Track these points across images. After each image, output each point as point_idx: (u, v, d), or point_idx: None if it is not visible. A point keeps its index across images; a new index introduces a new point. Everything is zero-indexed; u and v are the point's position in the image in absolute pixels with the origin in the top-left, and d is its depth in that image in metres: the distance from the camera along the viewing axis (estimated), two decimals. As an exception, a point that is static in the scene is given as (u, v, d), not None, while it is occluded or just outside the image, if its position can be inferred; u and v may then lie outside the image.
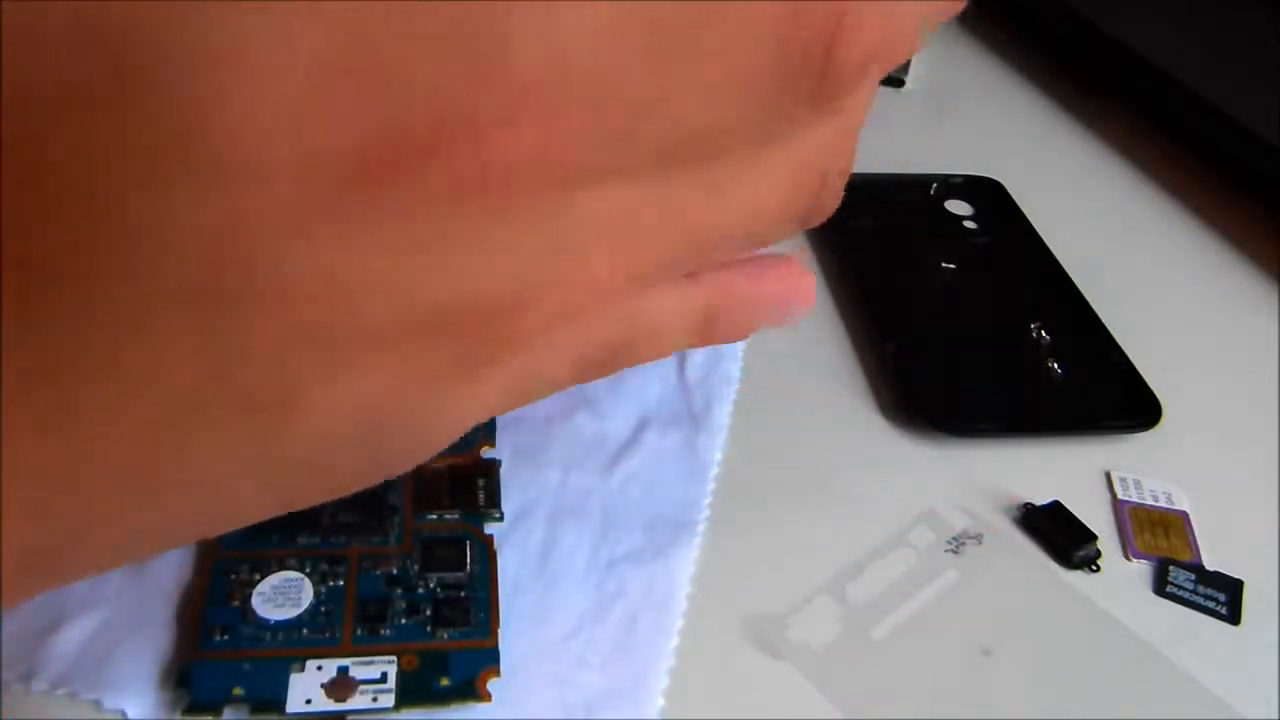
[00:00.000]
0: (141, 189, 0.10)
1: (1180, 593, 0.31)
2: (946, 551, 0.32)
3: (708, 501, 0.32)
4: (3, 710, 0.25)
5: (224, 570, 0.28)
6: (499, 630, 0.27)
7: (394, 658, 0.26)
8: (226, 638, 0.26)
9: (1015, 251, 0.44)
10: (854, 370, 0.38)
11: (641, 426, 0.34)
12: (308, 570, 0.28)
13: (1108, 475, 0.35)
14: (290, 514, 0.30)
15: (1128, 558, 0.32)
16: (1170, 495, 0.34)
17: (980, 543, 0.32)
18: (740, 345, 0.38)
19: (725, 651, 0.28)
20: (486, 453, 0.32)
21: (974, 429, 0.35)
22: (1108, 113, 0.54)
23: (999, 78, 0.58)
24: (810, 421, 0.36)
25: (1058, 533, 0.32)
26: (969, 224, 0.45)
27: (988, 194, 0.47)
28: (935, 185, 0.47)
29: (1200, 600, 0.31)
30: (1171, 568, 0.32)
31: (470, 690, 0.26)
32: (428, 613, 0.27)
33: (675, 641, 0.28)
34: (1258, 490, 0.35)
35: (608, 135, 0.13)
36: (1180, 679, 0.29)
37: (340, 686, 0.25)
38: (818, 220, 0.20)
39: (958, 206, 0.46)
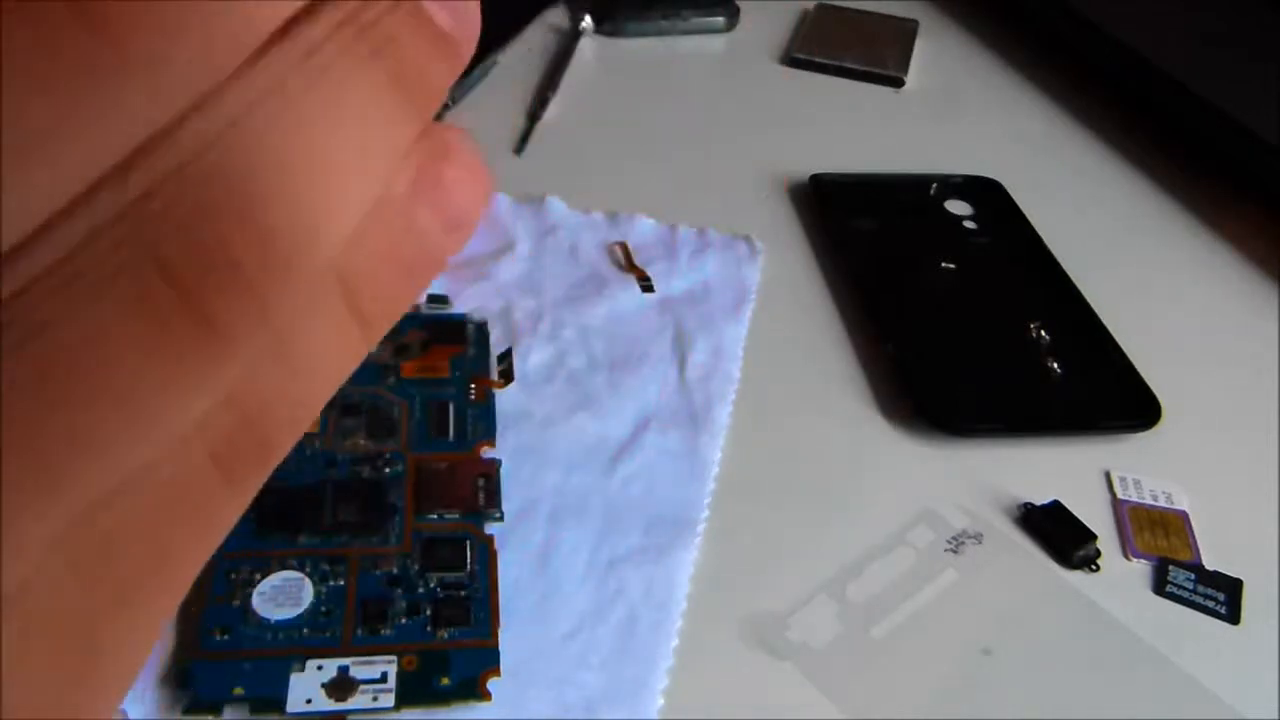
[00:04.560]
0: None
1: (1180, 592, 0.31)
2: (946, 551, 0.32)
3: (708, 501, 0.32)
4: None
5: (224, 570, 0.28)
6: (499, 630, 0.27)
7: (394, 657, 0.26)
8: (227, 637, 0.26)
9: (1015, 251, 0.44)
10: (854, 370, 0.38)
11: (642, 426, 0.34)
12: (308, 570, 0.28)
13: (1108, 475, 0.35)
14: (291, 514, 0.30)
15: (1128, 557, 0.32)
16: (1170, 495, 0.34)
17: (980, 542, 0.32)
18: (740, 346, 0.38)
19: (725, 651, 0.28)
20: (486, 453, 0.32)
21: (974, 429, 0.35)
22: (1108, 113, 0.54)
23: (999, 78, 0.58)
24: (810, 421, 0.36)
25: (1058, 532, 0.32)
26: (969, 224, 0.45)
27: (988, 194, 0.47)
28: (935, 185, 0.47)
29: (1200, 600, 0.31)
30: (1171, 567, 0.32)
31: (471, 690, 0.26)
32: (428, 613, 0.27)
33: (675, 641, 0.28)
34: (1258, 490, 0.35)
35: None
36: (1180, 679, 0.29)
37: (340, 686, 0.25)
38: None
39: (958, 206, 0.46)
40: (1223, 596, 0.31)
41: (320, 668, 0.26)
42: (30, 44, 0.08)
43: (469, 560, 0.29)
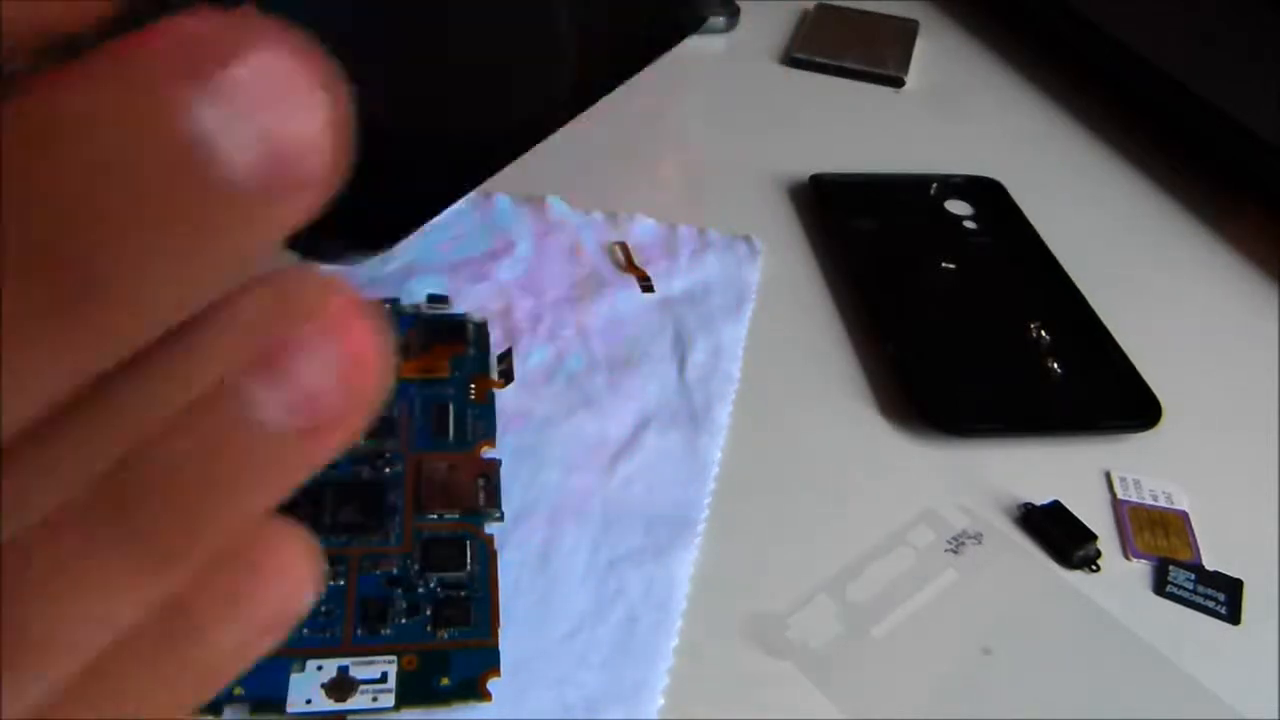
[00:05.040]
0: None
1: (1180, 592, 0.31)
2: (946, 551, 0.32)
3: (708, 501, 0.32)
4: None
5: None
6: (499, 630, 0.27)
7: (394, 657, 0.26)
8: (227, 638, 0.26)
9: (1015, 251, 0.44)
10: (854, 370, 0.38)
11: (642, 426, 0.34)
12: (308, 570, 0.28)
13: (1108, 475, 0.35)
14: (290, 514, 0.30)
15: (1128, 557, 0.32)
16: (1170, 495, 0.34)
17: (980, 542, 0.32)
18: (741, 345, 0.38)
19: (725, 651, 0.28)
20: (486, 452, 0.32)
21: (974, 429, 0.35)
22: (1108, 113, 0.54)
23: (999, 78, 0.58)
24: (810, 421, 0.36)
25: (1058, 532, 0.32)
26: (969, 224, 0.45)
27: (988, 194, 0.47)
28: (935, 185, 0.47)
29: (1200, 600, 0.31)
30: (1171, 567, 0.32)
31: (471, 690, 0.26)
32: (428, 613, 0.27)
33: (675, 641, 0.28)
34: (1258, 490, 0.35)
35: None
36: (1180, 679, 0.29)
37: (340, 686, 0.25)
38: None
39: (958, 206, 0.46)
40: (1223, 596, 0.31)
41: (320, 668, 0.26)
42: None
43: (469, 560, 0.29)
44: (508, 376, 0.35)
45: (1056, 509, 0.33)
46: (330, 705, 0.25)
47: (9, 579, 0.08)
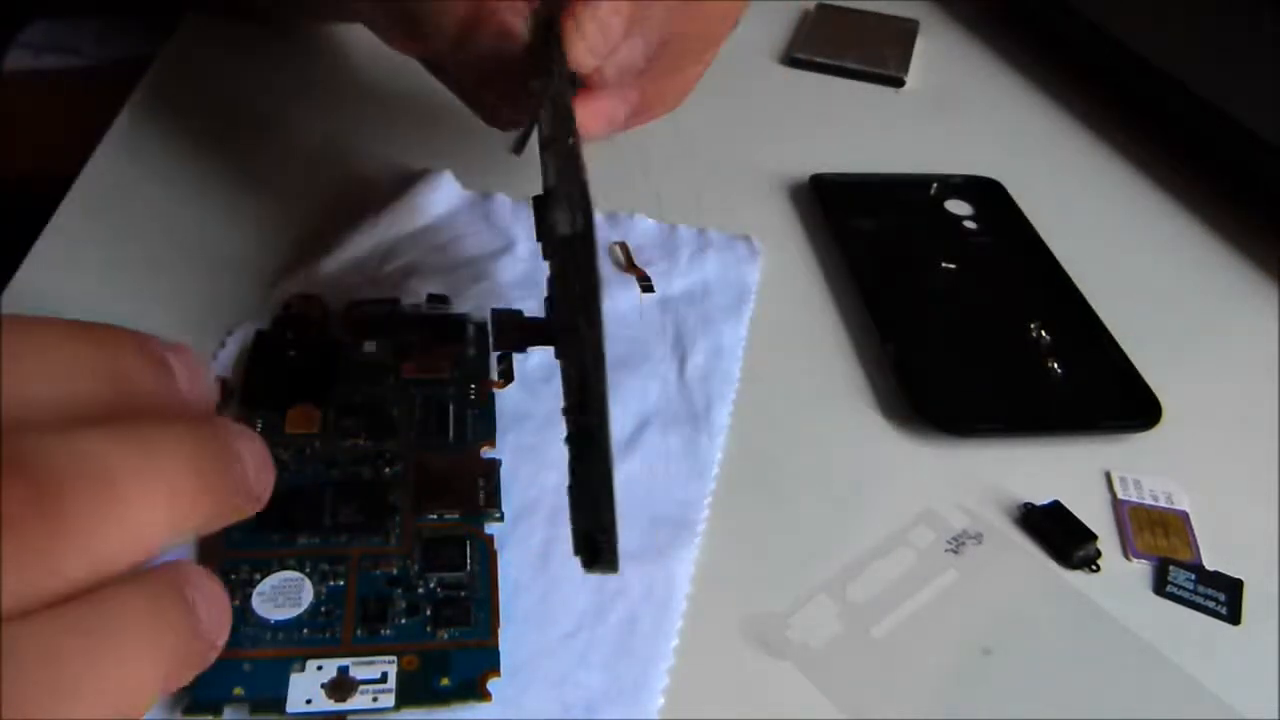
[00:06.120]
0: None
1: (1180, 592, 0.31)
2: (946, 551, 0.32)
3: (708, 501, 0.32)
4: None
5: (224, 570, 0.28)
6: (499, 630, 0.27)
7: (394, 658, 0.26)
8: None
9: (1015, 251, 0.44)
10: (854, 370, 0.38)
11: (642, 426, 0.34)
12: (308, 570, 0.28)
13: (1108, 475, 0.35)
14: (291, 514, 0.30)
15: (1128, 557, 0.32)
16: (1170, 495, 0.34)
17: (980, 542, 0.32)
18: (741, 345, 0.38)
19: (725, 651, 0.28)
20: (487, 453, 0.32)
21: (974, 429, 0.35)
22: (1108, 113, 0.54)
23: (999, 78, 0.58)
24: (810, 421, 0.36)
25: (1058, 532, 0.32)
26: (969, 224, 0.45)
27: (988, 194, 0.47)
28: (935, 185, 0.47)
29: (1200, 600, 0.31)
30: (1171, 567, 0.32)
31: (471, 690, 0.26)
32: (428, 613, 0.27)
33: (675, 641, 0.28)
34: (1258, 490, 0.35)
35: None
36: (1180, 679, 0.29)
37: (340, 686, 0.25)
38: None
39: (958, 206, 0.46)
40: (1223, 596, 0.31)
41: (320, 668, 0.26)
42: None
43: (469, 560, 0.29)
44: (508, 376, 0.34)
45: (1056, 509, 0.33)
46: (330, 705, 0.25)
47: None
